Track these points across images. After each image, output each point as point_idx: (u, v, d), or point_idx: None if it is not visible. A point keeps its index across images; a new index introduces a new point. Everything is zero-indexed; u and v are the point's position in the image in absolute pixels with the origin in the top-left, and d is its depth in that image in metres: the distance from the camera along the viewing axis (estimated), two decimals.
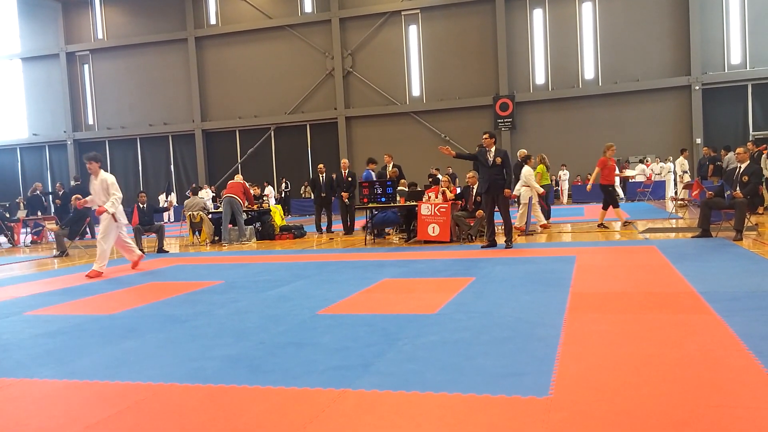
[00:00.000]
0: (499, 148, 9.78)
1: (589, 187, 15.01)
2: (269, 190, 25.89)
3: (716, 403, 2.79)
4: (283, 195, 27.62)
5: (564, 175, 24.70)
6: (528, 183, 12.30)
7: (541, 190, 12.57)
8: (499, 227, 10.58)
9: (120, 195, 9.01)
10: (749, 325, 4.06)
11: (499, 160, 9.54)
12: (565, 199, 24.47)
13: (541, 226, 12.36)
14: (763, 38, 24.09)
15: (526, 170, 12.46)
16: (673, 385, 3.03)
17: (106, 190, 8.88)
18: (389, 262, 8.55)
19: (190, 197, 14.98)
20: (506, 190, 9.53)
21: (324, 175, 14.81)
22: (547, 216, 14.00)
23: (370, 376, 3.44)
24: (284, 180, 28.51)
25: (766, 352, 3.45)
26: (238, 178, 14.66)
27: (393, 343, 4.12)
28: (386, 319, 4.90)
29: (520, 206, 12.44)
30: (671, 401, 2.83)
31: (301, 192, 28.44)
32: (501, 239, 9.80)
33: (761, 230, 9.94)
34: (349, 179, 14.46)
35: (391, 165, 14.22)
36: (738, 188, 9.16)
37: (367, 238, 12.10)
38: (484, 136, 9.66)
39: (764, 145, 14.95)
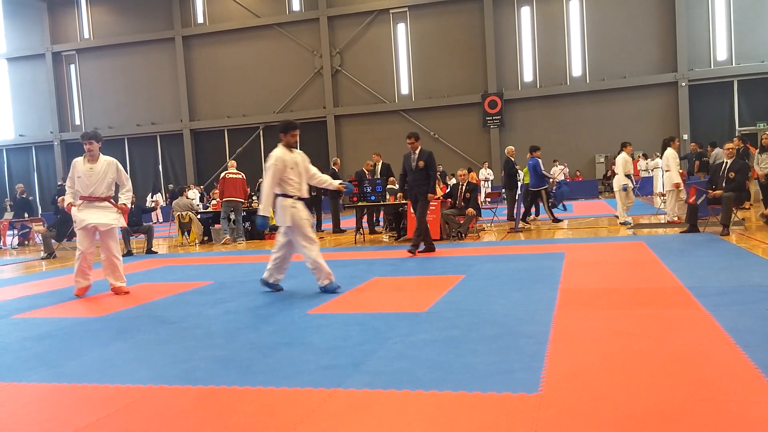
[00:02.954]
0: (424, 149, 9.15)
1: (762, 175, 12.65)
2: (158, 197, 25.83)
3: (704, 397, 2.81)
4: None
5: (557, 171, 23.23)
6: (669, 168, 10.97)
7: (679, 180, 11.08)
8: (485, 224, 10.56)
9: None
10: (736, 320, 4.09)
11: (422, 163, 8.95)
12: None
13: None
14: (749, 34, 24.28)
15: (670, 152, 11.01)
16: (662, 380, 3.05)
17: (114, 178, 6.96)
18: (379, 261, 8.55)
19: (178, 198, 14.88)
20: (429, 195, 8.94)
21: None
22: (536, 213, 14.06)
23: (361, 375, 3.44)
24: (260, 181, 28.15)
25: (753, 346, 3.48)
26: (232, 167, 13.62)
27: (383, 341, 4.12)
28: (376, 317, 4.90)
29: (668, 195, 11.36)
30: (660, 396, 2.85)
31: None
32: (489, 236, 9.82)
33: (747, 225, 10.03)
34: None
35: (380, 164, 14.19)
36: (725, 183, 9.25)
37: (357, 236, 12.09)
38: (408, 140, 9.07)
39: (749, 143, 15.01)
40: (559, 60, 26.37)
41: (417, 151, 9.09)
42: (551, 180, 13.11)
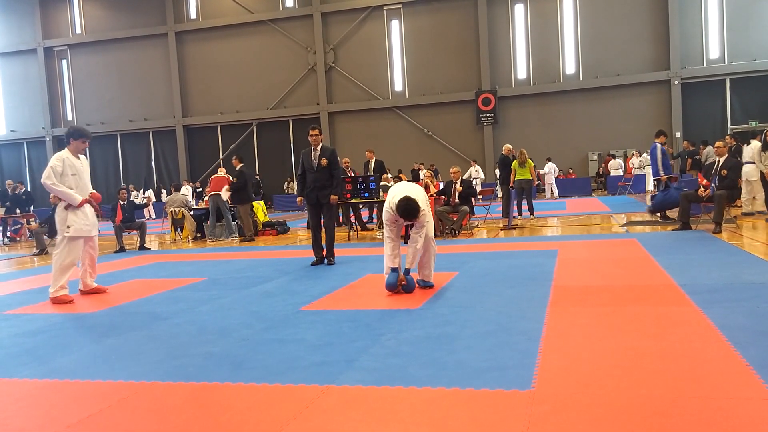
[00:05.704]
0: (327, 146, 8.08)
1: None
2: (150, 193, 25.85)
3: (696, 394, 2.82)
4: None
5: (547, 168, 22.82)
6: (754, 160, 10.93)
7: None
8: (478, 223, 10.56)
9: None
10: (728, 317, 4.11)
11: (324, 161, 7.88)
12: (548, 194, 22.71)
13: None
14: (741, 33, 24.39)
15: (755, 145, 10.94)
16: (654, 377, 3.06)
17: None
18: (372, 258, 8.54)
19: (171, 194, 14.86)
20: (332, 197, 7.93)
21: None
22: (531, 211, 14.06)
23: (354, 371, 3.44)
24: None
25: (744, 343, 3.50)
26: (222, 171, 14.27)
27: (376, 338, 4.12)
28: (370, 314, 4.90)
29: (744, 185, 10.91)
30: (652, 393, 2.86)
31: (284, 188, 28.30)
32: (482, 233, 9.82)
33: (739, 222, 10.08)
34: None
35: (373, 160, 14.20)
36: (717, 181, 9.29)
37: (350, 233, 12.08)
38: (312, 132, 7.95)
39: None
40: (552, 58, 26.42)
41: (319, 147, 7.97)
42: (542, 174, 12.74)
